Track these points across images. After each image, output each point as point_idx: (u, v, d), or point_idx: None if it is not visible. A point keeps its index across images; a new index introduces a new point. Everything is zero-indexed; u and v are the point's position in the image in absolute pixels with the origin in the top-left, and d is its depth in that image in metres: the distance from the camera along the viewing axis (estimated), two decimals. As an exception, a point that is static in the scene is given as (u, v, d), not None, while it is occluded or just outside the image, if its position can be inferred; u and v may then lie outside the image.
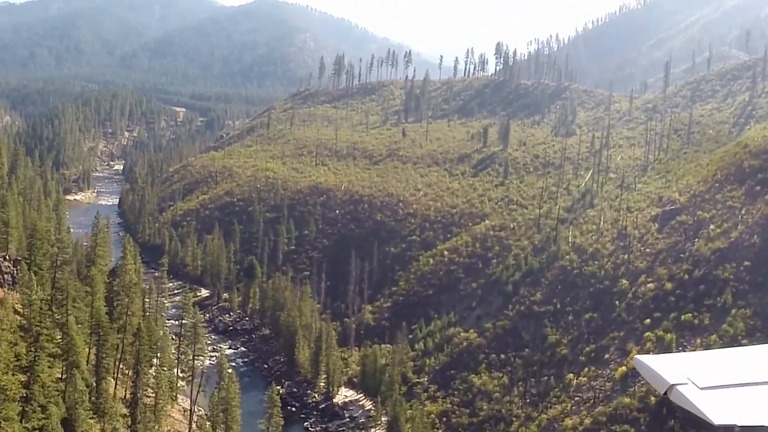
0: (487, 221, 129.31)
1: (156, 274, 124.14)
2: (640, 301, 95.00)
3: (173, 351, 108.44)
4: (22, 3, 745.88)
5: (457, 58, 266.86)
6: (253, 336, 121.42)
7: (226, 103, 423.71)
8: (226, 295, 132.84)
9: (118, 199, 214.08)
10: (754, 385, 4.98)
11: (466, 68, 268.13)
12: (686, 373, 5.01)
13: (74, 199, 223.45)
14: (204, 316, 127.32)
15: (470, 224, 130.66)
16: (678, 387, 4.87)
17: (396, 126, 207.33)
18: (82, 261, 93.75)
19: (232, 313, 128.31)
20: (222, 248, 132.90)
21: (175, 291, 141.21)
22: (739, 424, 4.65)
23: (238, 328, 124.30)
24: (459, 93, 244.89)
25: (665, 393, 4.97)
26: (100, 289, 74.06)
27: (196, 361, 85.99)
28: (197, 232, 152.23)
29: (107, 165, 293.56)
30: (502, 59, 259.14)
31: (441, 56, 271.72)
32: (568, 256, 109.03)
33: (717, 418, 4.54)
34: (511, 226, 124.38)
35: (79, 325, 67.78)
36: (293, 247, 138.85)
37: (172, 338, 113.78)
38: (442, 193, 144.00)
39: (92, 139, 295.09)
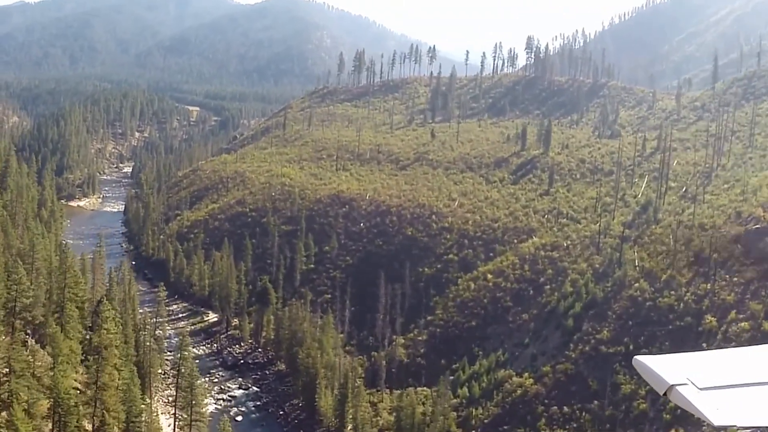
0: (535, 238, 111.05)
1: (156, 297, 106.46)
2: (733, 343, 76.51)
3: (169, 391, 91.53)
4: (36, 2, 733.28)
5: (484, 53, 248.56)
6: (267, 372, 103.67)
7: (242, 102, 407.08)
8: (236, 321, 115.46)
9: (124, 205, 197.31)
10: (754, 386, 4.85)
11: (494, 64, 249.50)
12: (686, 373, 4.89)
13: (78, 206, 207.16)
14: (211, 346, 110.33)
15: (515, 241, 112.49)
16: (677, 387, 4.76)
17: (422, 126, 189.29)
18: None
19: (242, 344, 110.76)
20: (231, 268, 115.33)
21: (180, 315, 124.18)
22: (739, 425, 4.48)
23: (250, 361, 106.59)
24: (488, 90, 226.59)
25: (665, 393, 4.83)
26: (70, 350, 56.63)
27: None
28: (205, 247, 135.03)
29: (116, 167, 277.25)
30: (533, 54, 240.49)
31: (467, 51, 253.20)
32: (637, 284, 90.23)
33: (717, 419, 4.44)
34: (565, 244, 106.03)
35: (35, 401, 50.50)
36: (312, 266, 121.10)
37: (170, 372, 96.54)
38: (481, 204, 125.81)
39: (100, 140, 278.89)
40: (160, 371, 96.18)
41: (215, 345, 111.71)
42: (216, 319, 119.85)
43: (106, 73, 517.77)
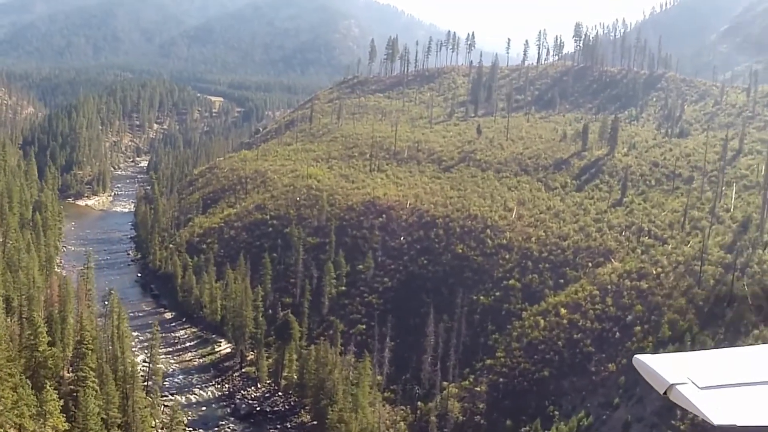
0: (614, 262, 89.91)
1: (152, 330, 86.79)
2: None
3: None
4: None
5: (527, 41, 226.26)
6: (289, 425, 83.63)
7: (267, 92, 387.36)
8: (252, 355, 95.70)
9: (135, 206, 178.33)
10: (754, 385, 4.83)
11: (538, 53, 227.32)
12: (686, 372, 4.86)
13: (86, 205, 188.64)
14: (222, 386, 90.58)
15: (590, 265, 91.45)
16: (677, 387, 4.73)
17: (464, 120, 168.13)
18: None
19: (259, 385, 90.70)
20: (247, 291, 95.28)
21: (187, 343, 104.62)
22: (739, 424, 4.43)
23: (268, 409, 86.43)
24: (533, 81, 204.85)
25: (665, 393, 4.79)
26: None
27: None
28: (219, 260, 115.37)
29: (132, 161, 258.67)
30: (581, 42, 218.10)
31: (508, 39, 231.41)
32: (756, 331, 69.06)
33: (717, 418, 4.41)
34: (654, 272, 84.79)
35: None
36: (343, 289, 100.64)
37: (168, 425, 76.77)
38: (543, 216, 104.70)
39: (116, 132, 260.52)
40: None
41: (227, 385, 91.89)
42: (229, 350, 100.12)
43: (128, 62, 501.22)
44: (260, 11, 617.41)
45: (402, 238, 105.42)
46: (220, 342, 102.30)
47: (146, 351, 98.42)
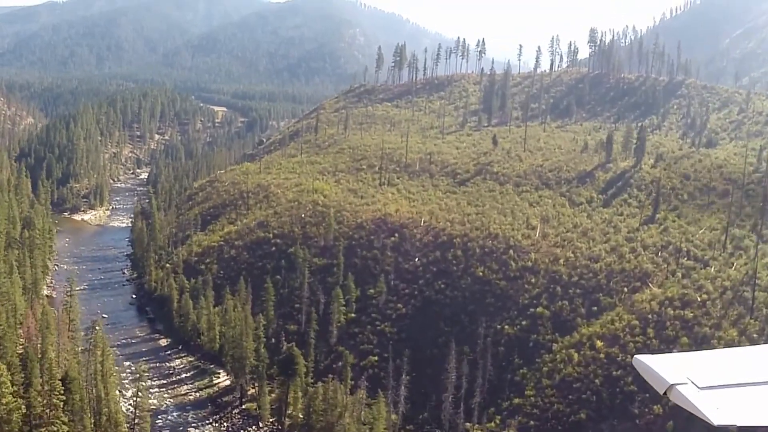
0: (653, 287, 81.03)
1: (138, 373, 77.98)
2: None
3: None
4: (65, 1, 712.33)
5: (539, 47, 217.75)
6: (293, 472, 74.85)
7: (271, 102, 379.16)
8: (253, 389, 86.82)
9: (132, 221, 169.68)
10: (753, 385, 4.83)
11: (551, 60, 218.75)
12: (686, 372, 4.85)
13: (82, 220, 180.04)
14: (220, 425, 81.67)
15: (625, 290, 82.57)
16: (677, 387, 4.73)
17: (477, 130, 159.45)
18: None
19: (261, 424, 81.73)
20: (247, 320, 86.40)
21: (183, 374, 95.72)
22: (738, 424, 4.45)
23: (270, 453, 77.81)
24: (547, 89, 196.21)
25: (665, 393, 4.79)
26: None
27: None
28: (218, 281, 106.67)
29: (132, 173, 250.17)
30: (597, 48, 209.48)
31: (520, 46, 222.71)
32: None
33: (716, 419, 4.42)
34: (699, 299, 75.91)
35: None
36: (353, 315, 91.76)
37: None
38: (570, 235, 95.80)
39: (116, 143, 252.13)
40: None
41: (225, 424, 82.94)
42: (228, 383, 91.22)
43: (132, 72, 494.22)
44: (265, 20, 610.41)
45: (416, 260, 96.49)
46: (219, 373, 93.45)
47: (140, 383, 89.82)
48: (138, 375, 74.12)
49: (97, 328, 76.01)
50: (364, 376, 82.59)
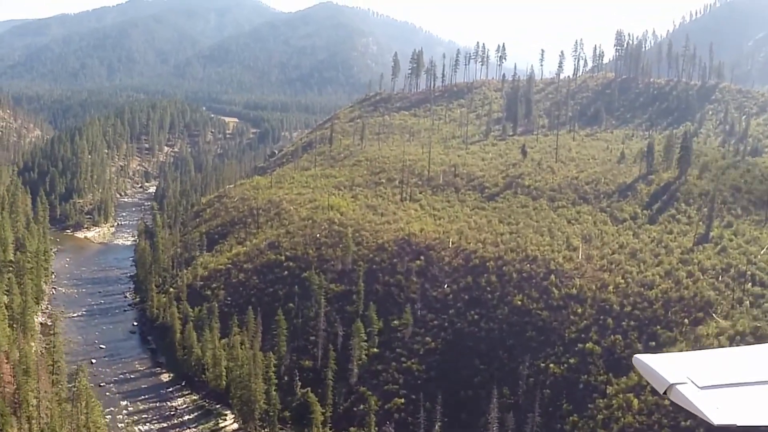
0: (718, 319, 70.10)
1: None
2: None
3: None
4: (75, 14, 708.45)
5: (562, 52, 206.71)
6: None
7: (283, 112, 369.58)
8: (263, 436, 76.38)
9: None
10: (753, 385, 4.80)
11: (575, 65, 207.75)
12: (686, 372, 4.83)
13: (85, 237, 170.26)
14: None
15: (686, 322, 71.58)
16: (677, 386, 4.70)
17: (503, 139, 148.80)
18: None
19: (272, 479, 71.36)
20: (256, 359, 75.94)
21: (186, 415, 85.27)
22: (738, 424, 4.41)
23: None
24: (572, 95, 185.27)
25: (665, 392, 4.76)
26: None
27: None
28: (225, 309, 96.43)
29: (140, 187, 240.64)
30: (624, 51, 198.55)
31: (542, 50, 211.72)
32: None
33: (716, 418, 4.40)
34: (776, 332, 65.11)
35: None
36: (376, 350, 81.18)
37: None
38: (617, 257, 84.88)
39: (123, 156, 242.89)
40: None
41: (232, 478, 72.61)
42: (236, 426, 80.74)
43: (143, 84, 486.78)
44: (276, 30, 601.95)
45: (446, 287, 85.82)
46: (226, 415, 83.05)
47: (136, 426, 79.68)
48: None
49: (80, 374, 65.56)
50: (390, 421, 72.02)
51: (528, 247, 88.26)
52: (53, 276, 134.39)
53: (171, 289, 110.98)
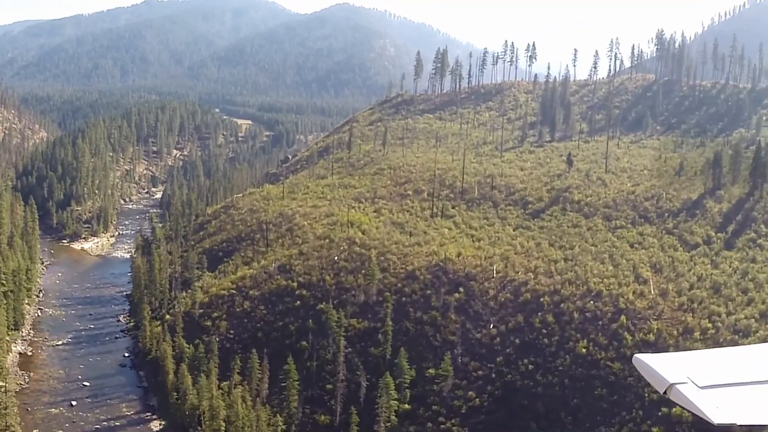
0: None
1: None
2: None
3: None
4: (90, 14, 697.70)
5: (597, 51, 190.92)
6: None
7: (298, 115, 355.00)
8: None
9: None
10: (753, 384, 4.78)
11: (611, 66, 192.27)
12: (686, 372, 4.79)
13: (81, 249, 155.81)
14: None
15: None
16: (677, 386, 4.66)
17: (540, 146, 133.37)
18: None
19: None
20: (260, 420, 60.73)
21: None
22: (738, 423, 4.38)
23: None
24: (609, 98, 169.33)
25: (665, 392, 4.72)
26: None
27: None
28: (227, 345, 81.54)
29: (146, 193, 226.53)
30: (666, 52, 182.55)
31: (575, 50, 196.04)
32: None
33: (716, 418, 4.36)
34: None
35: None
36: (407, 407, 65.78)
37: None
38: (699, 293, 69.06)
39: (129, 160, 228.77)
40: None
41: None
42: (236, 496, 65.66)
43: (156, 85, 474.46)
44: (293, 32, 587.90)
45: (491, 326, 70.37)
46: (226, 478, 67.98)
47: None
48: None
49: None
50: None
51: (589, 278, 72.69)
52: (41, 295, 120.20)
53: (167, 316, 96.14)
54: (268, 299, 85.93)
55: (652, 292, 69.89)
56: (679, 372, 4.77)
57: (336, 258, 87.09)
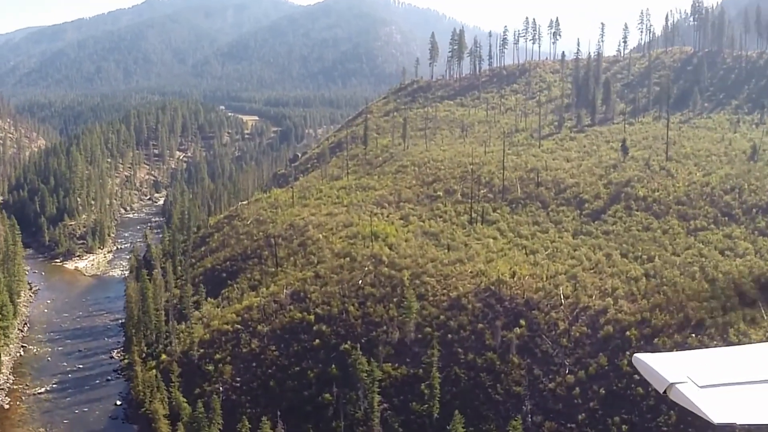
0: None
1: None
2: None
3: None
4: (90, 18, 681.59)
5: (626, 24, 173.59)
6: None
7: (306, 108, 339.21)
8: None
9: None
10: (753, 384, 4.71)
11: (644, 38, 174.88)
12: (686, 371, 4.73)
13: (75, 268, 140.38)
14: None
15: None
16: (677, 385, 4.60)
17: (580, 131, 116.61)
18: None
19: None
20: None
21: None
22: (738, 423, 4.32)
23: None
24: (645, 75, 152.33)
25: (665, 392, 4.65)
26: None
27: None
28: (233, 396, 65.81)
29: (149, 199, 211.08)
30: (706, 21, 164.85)
31: (602, 24, 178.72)
32: None
33: (716, 417, 4.30)
34: None
35: None
36: (465, 486, 49.89)
37: None
38: (838, 315, 52.72)
39: (129, 166, 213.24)
40: None
41: None
42: None
43: (160, 85, 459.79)
44: (296, 23, 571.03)
45: (566, 372, 54.22)
46: None
47: None
48: None
49: None
50: None
51: (684, 302, 56.30)
52: (26, 329, 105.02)
53: (163, 355, 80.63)
54: (281, 337, 69.97)
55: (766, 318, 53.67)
56: (679, 371, 4.66)
57: (360, 282, 71.04)
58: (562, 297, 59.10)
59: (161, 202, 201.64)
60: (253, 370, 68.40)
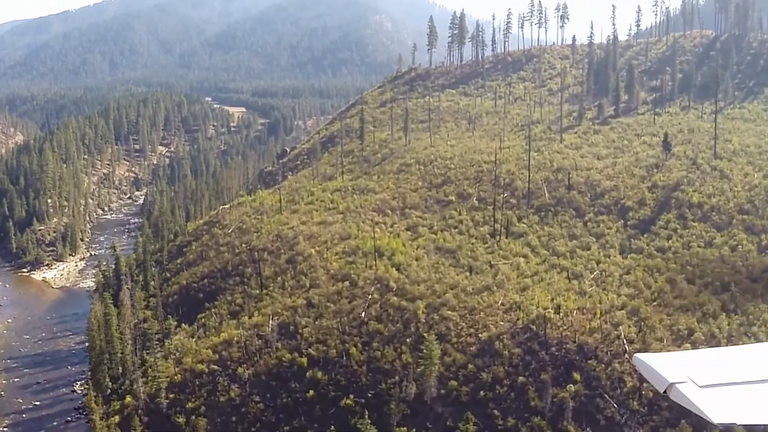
0: None
1: None
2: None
3: None
4: (77, 10, 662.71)
5: (639, 7, 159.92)
6: None
7: (295, 98, 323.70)
8: None
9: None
10: (753, 384, 4.67)
11: (658, 22, 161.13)
12: (686, 371, 4.70)
13: (43, 279, 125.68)
14: None
15: None
16: (677, 385, 4.58)
17: (604, 123, 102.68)
18: None
19: None
20: None
21: None
22: (738, 423, 4.30)
23: None
24: (664, 61, 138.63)
25: (665, 391, 4.62)
26: None
27: None
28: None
29: (129, 198, 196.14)
30: (728, 2, 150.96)
31: (613, 6, 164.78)
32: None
33: (716, 417, 4.29)
34: None
35: None
36: None
37: None
38: None
39: (107, 163, 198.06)
40: None
41: None
42: None
43: (146, 76, 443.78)
44: (284, 12, 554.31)
45: (643, 447, 40.71)
46: None
47: None
48: None
49: None
50: None
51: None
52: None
53: (127, 397, 66.56)
54: (266, 384, 55.99)
55: None
56: (679, 371, 4.63)
57: (362, 314, 57.14)
58: (625, 342, 45.36)
59: (142, 200, 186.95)
60: (233, 427, 54.43)
